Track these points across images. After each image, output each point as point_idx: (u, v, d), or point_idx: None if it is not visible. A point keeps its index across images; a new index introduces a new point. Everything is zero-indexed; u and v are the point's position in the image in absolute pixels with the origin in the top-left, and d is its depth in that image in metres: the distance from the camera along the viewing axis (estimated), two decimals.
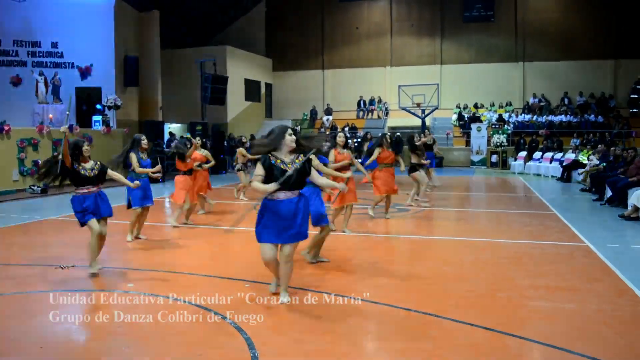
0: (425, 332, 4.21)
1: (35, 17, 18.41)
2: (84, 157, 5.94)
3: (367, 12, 29.61)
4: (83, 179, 5.89)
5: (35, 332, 4.23)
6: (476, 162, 24.00)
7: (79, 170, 5.88)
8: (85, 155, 5.94)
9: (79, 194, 5.91)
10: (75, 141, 5.98)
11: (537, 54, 26.98)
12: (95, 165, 6.02)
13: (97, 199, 5.98)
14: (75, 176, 5.87)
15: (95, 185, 6.00)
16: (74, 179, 5.89)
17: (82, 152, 5.91)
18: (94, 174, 5.96)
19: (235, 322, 4.36)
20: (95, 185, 6.00)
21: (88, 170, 5.94)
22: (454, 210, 11.35)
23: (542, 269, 6.17)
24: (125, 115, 20.19)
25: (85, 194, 5.91)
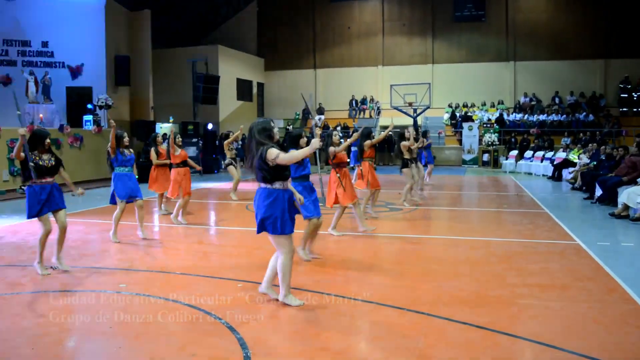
0: (417, 330, 4.23)
1: (26, 17, 18.30)
2: (44, 148, 6.02)
3: (359, 11, 29.65)
4: (42, 169, 5.93)
5: (27, 333, 4.21)
6: (468, 161, 24.10)
7: (37, 161, 5.93)
8: (46, 147, 6.03)
9: (37, 183, 5.93)
10: (39, 131, 6.09)
11: (528, 54, 27.13)
12: (51, 157, 6.09)
13: (53, 190, 6.04)
14: (34, 167, 5.90)
15: (52, 176, 6.05)
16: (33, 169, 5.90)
17: (44, 144, 6.01)
18: (51, 164, 6.04)
19: (227, 322, 4.37)
20: (52, 176, 6.05)
21: (46, 161, 6.01)
22: (446, 209, 11.40)
23: (533, 267, 6.21)
24: (116, 115, 20.08)
25: (43, 184, 5.95)
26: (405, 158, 10.96)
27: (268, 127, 4.67)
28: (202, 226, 9.34)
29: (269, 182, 4.64)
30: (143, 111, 21.83)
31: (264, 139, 4.59)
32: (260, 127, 4.66)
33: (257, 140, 4.59)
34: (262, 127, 4.66)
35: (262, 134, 4.61)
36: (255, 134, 4.62)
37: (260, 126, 4.67)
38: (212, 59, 24.10)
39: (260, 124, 4.71)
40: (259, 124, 4.70)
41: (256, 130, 4.64)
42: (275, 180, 4.64)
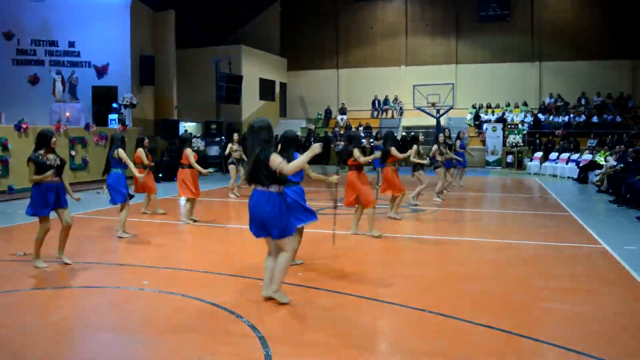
0: (439, 332, 4.20)
1: (53, 17, 18.61)
2: (49, 149, 6.13)
3: (382, 11, 29.55)
4: (49, 167, 6.05)
5: (51, 328, 4.28)
6: (491, 163, 23.85)
7: (44, 161, 6.06)
8: (51, 147, 6.14)
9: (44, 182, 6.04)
10: (45, 132, 6.16)
11: (554, 54, 26.74)
12: (56, 157, 6.21)
13: (58, 190, 6.17)
14: (41, 166, 6.02)
15: (58, 175, 6.17)
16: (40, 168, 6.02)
17: (50, 144, 6.11)
18: (57, 164, 6.16)
19: (249, 320, 4.38)
20: (58, 175, 6.17)
21: (52, 160, 6.13)
22: (469, 210, 11.29)
23: (558, 270, 6.12)
24: (141, 114, 20.35)
25: (48, 184, 6.07)
26: (416, 162, 10.89)
27: (267, 126, 4.68)
28: (224, 225, 9.39)
29: (267, 185, 4.62)
30: (167, 110, 22.07)
31: (265, 138, 4.60)
32: (259, 125, 4.65)
33: (260, 140, 4.59)
34: (260, 126, 4.64)
35: (262, 134, 4.61)
36: (256, 133, 4.61)
37: (259, 125, 4.65)
38: (235, 58, 24.24)
39: (259, 122, 4.68)
40: (258, 123, 4.67)
41: (257, 129, 4.63)
42: (273, 183, 4.63)
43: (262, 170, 4.55)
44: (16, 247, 7.26)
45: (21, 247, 7.21)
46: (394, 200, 9.59)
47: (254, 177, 4.63)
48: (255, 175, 4.62)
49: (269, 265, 4.90)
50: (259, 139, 4.59)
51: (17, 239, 7.90)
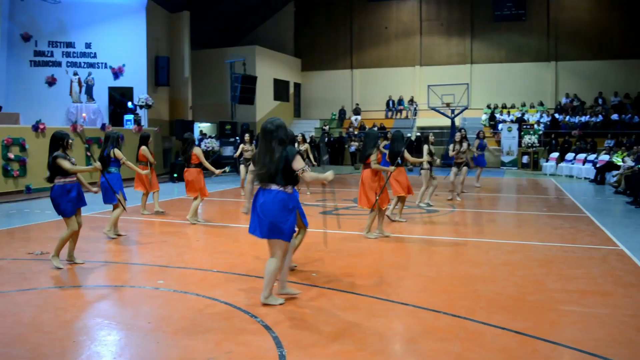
0: (453, 333, 4.18)
1: (70, 19, 18.82)
2: (66, 148, 6.21)
3: (396, 11, 29.47)
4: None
5: (69, 326, 4.33)
6: (507, 163, 23.67)
7: (69, 158, 6.16)
8: (69, 147, 6.24)
9: (66, 182, 6.12)
10: (60, 134, 6.21)
11: (570, 53, 26.49)
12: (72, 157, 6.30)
13: (78, 189, 6.27)
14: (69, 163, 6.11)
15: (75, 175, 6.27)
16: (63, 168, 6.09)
17: (67, 145, 6.20)
18: (74, 163, 6.25)
19: (263, 320, 4.40)
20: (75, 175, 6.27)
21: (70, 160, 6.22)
22: (484, 211, 11.22)
23: (574, 272, 6.06)
24: (156, 114, 20.50)
25: (70, 183, 6.16)
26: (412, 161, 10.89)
27: (283, 125, 4.67)
28: (237, 225, 9.42)
29: (284, 185, 4.59)
30: (182, 111, 22.22)
31: (283, 137, 4.59)
32: (277, 124, 4.62)
33: (279, 139, 4.57)
34: (279, 125, 4.62)
35: (280, 132, 4.59)
36: (274, 132, 4.58)
37: (277, 124, 4.62)
38: (249, 59, 24.34)
39: (275, 121, 4.65)
40: (275, 122, 4.64)
41: (274, 127, 4.59)
42: (289, 184, 4.62)
43: (282, 170, 4.53)
44: (33, 246, 7.36)
45: (38, 246, 7.31)
46: (403, 202, 9.51)
47: (271, 176, 4.57)
48: (272, 174, 4.56)
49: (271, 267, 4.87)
50: (277, 138, 4.57)
51: (34, 238, 8.00)
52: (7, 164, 13.00)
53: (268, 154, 4.57)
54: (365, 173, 7.78)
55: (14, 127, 13.87)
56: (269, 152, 4.57)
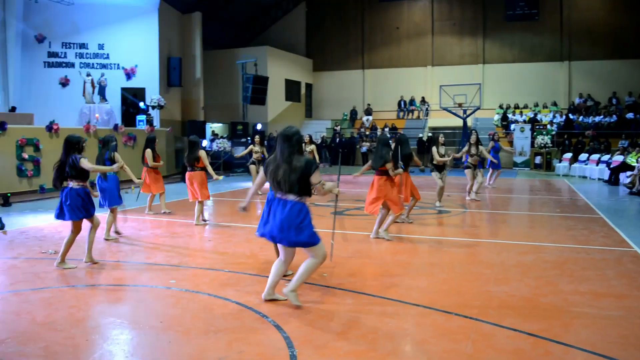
0: (465, 335, 4.16)
1: (83, 20, 18.98)
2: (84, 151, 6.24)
3: (408, 11, 29.40)
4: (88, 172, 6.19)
5: (81, 325, 4.36)
6: (519, 164, 23.52)
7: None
8: (83, 149, 6.24)
9: (83, 185, 6.16)
10: (75, 138, 6.21)
11: (584, 53, 26.28)
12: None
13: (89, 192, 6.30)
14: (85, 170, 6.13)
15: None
16: (85, 171, 6.13)
17: (83, 148, 6.21)
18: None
19: (274, 320, 4.40)
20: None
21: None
22: (496, 212, 11.15)
23: (588, 274, 6.01)
24: (168, 115, 20.61)
25: (84, 187, 6.21)
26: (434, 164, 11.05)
27: (299, 134, 4.66)
28: (248, 225, 9.44)
29: (300, 195, 4.57)
30: (194, 111, 22.32)
31: (298, 147, 4.58)
32: (295, 132, 4.61)
33: (292, 148, 4.54)
34: (294, 132, 4.59)
35: (294, 141, 4.56)
36: (293, 141, 4.55)
37: (293, 131, 4.60)
38: (261, 60, 24.39)
39: (293, 130, 4.63)
40: (293, 132, 4.60)
41: (293, 136, 4.57)
42: (305, 195, 4.60)
43: (299, 180, 4.49)
44: (47, 245, 7.42)
45: (51, 245, 7.37)
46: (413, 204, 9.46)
47: (289, 185, 4.52)
48: (290, 184, 4.52)
49: (279, 270, 4.90)
50: (293, 147, 4.54)
51: (47, 237, 8.07)
52: (21, 163, 13.13)
53: (286, 163, 4.53)
54: (379, 179, 7.65)
55: (28, 128, 14.00)
56: (288, 161, 4.52)
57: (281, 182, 4.55)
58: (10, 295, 5.22)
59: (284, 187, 4.55)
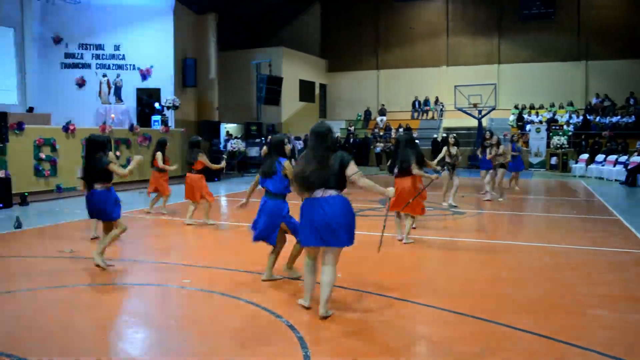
0: (479, 337, 4.13)
1: (99, 21, 19.15)
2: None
3: (423, 11, 29.28)
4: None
5: (97, 324, 4.40)
6: (535, 165, 23.31)
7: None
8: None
9: (108, 186, 6.13)
10: (102, 138, 6.18)
11: (601, 53, 25.96)
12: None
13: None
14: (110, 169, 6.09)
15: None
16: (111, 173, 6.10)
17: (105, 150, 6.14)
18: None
19: (288, 320, 4.40)
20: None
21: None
22: (512, 214, 11.07)
23: (605, 276, 5.94)
24: (183, 115, 20.71)
25: (111, 187, 6.18)
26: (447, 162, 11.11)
27: (331, 130, 4.56)
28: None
29: (338, 189, 4.42)
30: (208, 112, 22.41)
31: (332, 142, 4.47)
32: (328, 128, 4.51)
33: (326, 144, 4.42)
34: (328, 129, 4.50)
35: (329, 137, 4.47)
36: (327, 136, 4.45)
37: (328, 127, 4.52)
38: (275, 60, 24.43)
39: (326, 126, 4.54)
40: (324, 127, 4.52)
41: (326, 131, 4.46)
42: (343, 188, 4.46)
43: (336, 175, 4.35)
44: (64, 244, 7.49)
45: (68, 244, 7.44)
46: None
47: (325, 181, 4.36)
48: (326, 179, 4.36)
49: (312, 274, 4.69)
50: (327, 142, 4.43)
51: (64, 237, 8.15)
52: (38, 163, 13.27)
53: (321, 158, 4.38)
54: (406, 181, 7.46)
55: (45, 128, 14.16)
56: (324, 157, 4.38)
57: (312, 179, 4.37)
58: (27, 293, 5.28)
59: (318, 182, 4.36)
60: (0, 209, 10.98)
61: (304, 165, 4.47)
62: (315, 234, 4.40)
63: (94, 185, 6.04)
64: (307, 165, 4.44)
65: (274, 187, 5.41)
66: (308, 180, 4.41)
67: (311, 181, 4.40)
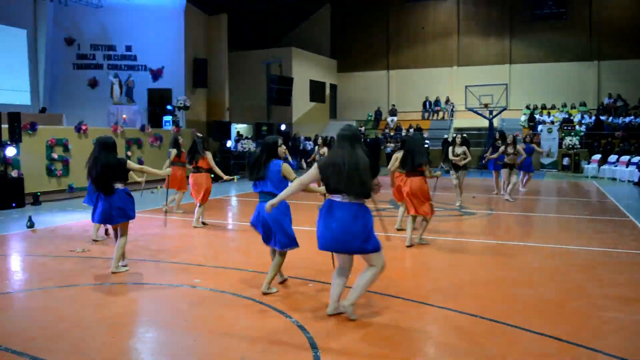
0: (490, 338, 4.11)
1: (111, 23, 19.31)
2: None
3: (434, 11, 29.21)
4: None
5: (107, 322, 4.43)
6: (546, 165, 23.15)
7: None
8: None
9: (126, 186, 6.08)
10: (112, 140, 6.09)
11: (614, 53, 25.74)
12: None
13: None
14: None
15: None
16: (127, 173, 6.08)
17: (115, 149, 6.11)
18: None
19: (297, 320, 4.41)
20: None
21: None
22: (522, 214, 11.00)
23: (617, 278, 5.88)
24: (194, 115, 20.82)
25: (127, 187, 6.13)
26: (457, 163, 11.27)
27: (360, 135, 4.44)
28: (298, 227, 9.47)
29: (363, 197, 4.28)
30: (219, 112, 22.51)
31: (365, 148, 4.34)
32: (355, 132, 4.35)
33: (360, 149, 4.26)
34: (355, 131, 4.36)
35: (361, 142, 4.34)
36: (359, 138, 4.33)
37: (355, 131, 4.36)
38: (286, 61, 24.48)
39: (355, 129, 4.39)
40: (354, 130, 4.38)
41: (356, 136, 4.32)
42: (367, 197, 4.33)
43: (366, 183, 4.20)
44: (75, 243, 7.55)
45: (80, 243, 7.49)
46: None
47: (351, 187, 4.19)
48: (353, 186, 4.19)
49: (343, 281, 4.56)
50: (361, 148, 4.28)
51: (76, 236, 8.21)
52: (51, 163, 13.37)
53: (352, 164, 4.17)
54: (416, 182, 7.30)
55: (58, 128, 14.26)
56: (354, 161, 4.18)
57: (343, 184, 4.20)
58: (38, 292, 5.32)
59: (348, 188, 4.21)
60: (13, 208, 11.08)
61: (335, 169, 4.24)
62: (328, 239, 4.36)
63: (112, 186, 5.91)
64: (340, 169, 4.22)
65: (274, 188, 5.02)
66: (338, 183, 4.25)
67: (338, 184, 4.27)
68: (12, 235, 8.47)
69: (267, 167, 5.05)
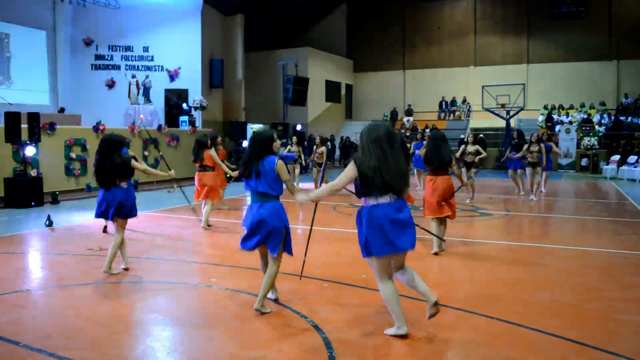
0: (506, 340, 4.07)
1: (129, 24, 19.50)
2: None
3: (450, 11, 29.06)
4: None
5: (124, 320, 4.47)
6: (564, 166, 22.90)
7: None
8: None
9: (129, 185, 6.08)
10: (119, 137, 6.07)
11: (633, 52, 25.38)
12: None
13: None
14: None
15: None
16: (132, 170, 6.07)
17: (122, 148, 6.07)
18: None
19: (313, 320, 4.41)
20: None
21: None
22: (539, 215, 10.90)
23: (636, 280, 5.81)
24: (210, 115, 20.93)
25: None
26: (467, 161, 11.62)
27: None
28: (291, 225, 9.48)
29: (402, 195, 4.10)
30: (235, 112, 22.61)
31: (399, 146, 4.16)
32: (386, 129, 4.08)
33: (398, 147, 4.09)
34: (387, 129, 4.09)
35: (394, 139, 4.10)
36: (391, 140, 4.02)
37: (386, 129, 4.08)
38: (302, 61, 24.51)
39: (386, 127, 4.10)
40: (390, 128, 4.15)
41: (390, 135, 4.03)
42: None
43: (406, 180, 4.06)
44: (92, 242, 7.63)
45: (97, 242, 7.57)
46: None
47: (396, 185, 3.96)
48: (397, 183, 3.96)
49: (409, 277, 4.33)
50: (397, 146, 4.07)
51: (93, 235, 8.30)
52: (69, 163, 13.54)
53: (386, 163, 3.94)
54: (445, 181, 6.89)
55: (76, 128, 14.43)
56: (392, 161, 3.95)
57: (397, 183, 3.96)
58: (57, 290, 5.39)
59: (400, 187, 3.99)
60: (32, 207, 11.23)
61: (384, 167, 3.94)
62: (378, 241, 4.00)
63: (112, 181, 6.00)
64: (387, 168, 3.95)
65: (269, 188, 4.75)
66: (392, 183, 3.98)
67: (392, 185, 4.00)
68: (31, 233, 8.59)
69: (262, 164, 4.61)
